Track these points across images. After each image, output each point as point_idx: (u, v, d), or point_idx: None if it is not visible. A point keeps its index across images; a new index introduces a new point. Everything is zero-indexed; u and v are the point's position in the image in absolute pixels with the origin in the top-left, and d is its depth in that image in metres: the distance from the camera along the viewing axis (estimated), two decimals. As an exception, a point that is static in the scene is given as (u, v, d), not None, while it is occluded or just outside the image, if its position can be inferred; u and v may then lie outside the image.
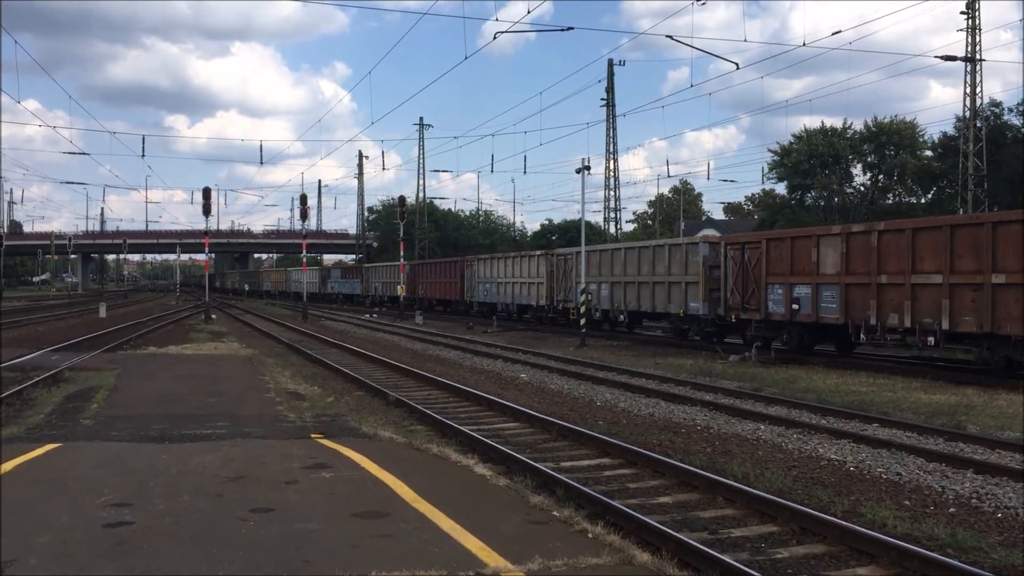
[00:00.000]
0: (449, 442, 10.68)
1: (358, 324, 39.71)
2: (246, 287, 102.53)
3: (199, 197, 40.11)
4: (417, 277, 50.92)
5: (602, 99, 54.20)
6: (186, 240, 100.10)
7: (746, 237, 23.84)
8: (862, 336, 18.39)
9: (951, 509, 7.94)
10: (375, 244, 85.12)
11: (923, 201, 50.80)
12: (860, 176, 55.47)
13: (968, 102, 37.11)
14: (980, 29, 35.84)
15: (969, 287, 16.02)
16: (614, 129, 54.52)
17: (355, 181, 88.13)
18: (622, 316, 28.06)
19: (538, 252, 34.41)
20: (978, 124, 37.60)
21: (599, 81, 53.97)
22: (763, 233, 22.95)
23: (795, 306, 20.02)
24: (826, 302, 19.25)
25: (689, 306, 24.25)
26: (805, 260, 19.92)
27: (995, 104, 44.26)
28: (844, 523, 7.00)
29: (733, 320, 22.64)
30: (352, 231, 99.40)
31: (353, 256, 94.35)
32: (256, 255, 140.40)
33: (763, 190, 77.35)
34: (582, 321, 27.24)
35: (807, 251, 19.85)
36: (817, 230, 20.97)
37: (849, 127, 54.45)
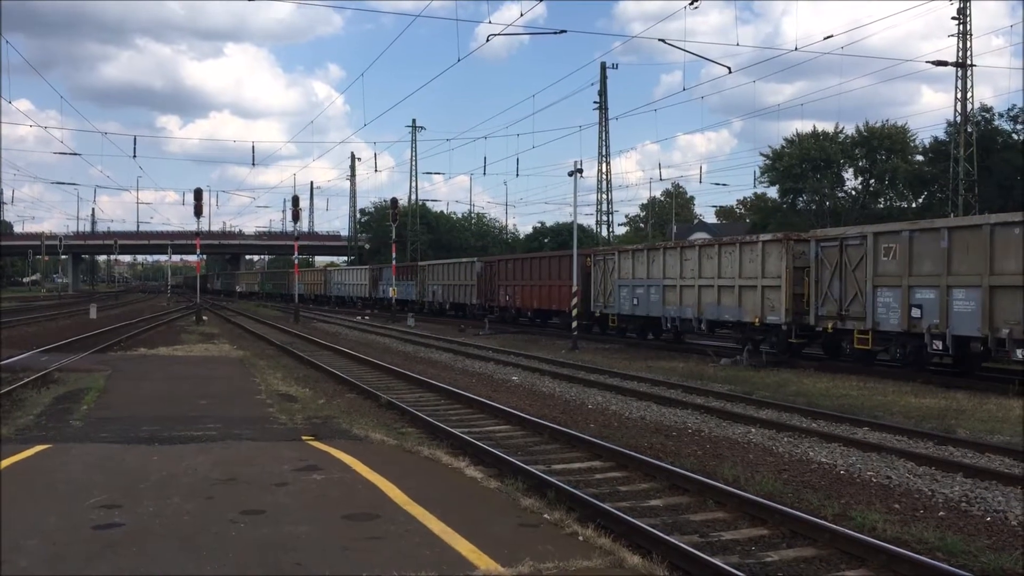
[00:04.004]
0: (440, 444, 10.68)
1: (349, 326, 39.64)
2: (235, 289, 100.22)
3: (191, 198, 39.92)
4: (496, 279, 37.99)
5: (595, 102, 54.32)
6: (177, 241, 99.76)
7: None
8: None
9: (941, 513, 7.97)
10: (367, 246, 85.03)
11: (914, 206, 51.03)
12: (851, 180, 55.77)
13: (959, 107, 37.29)
14: (971, 34, 36.05)
15: None
16: (607, 132, 54.64)
17: (347, 183, 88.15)
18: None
19: (766, 237, 22.00)
20: (969, 129, 37.78)
21: (592, 84, 54.02)
22: None
23: None
24: None
25: None
26: None
27: (986, 109, 44.53)
28: (834, 526, 7.03)
29: None
30: (344, 233, 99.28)
31: (345, 258, 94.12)
32: (247, 256, 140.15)
33: (755, 194, 77.50)
34: (573, 324, 27.26)
35: None
36: None
37: (841, 131, 54.71)
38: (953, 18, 36.09)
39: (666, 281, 24.83)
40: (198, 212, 39.22)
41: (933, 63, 36.23)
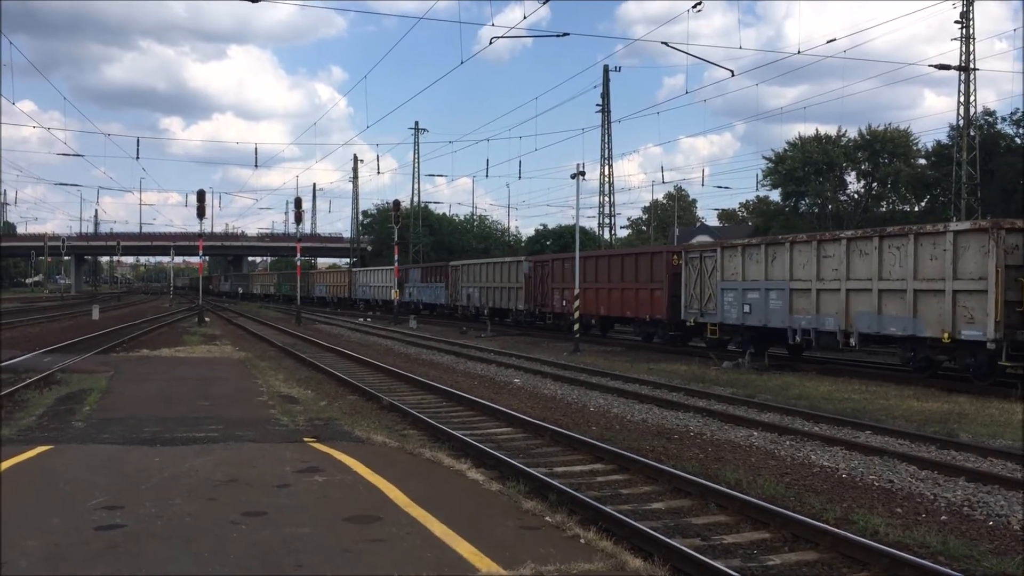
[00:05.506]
0: (442, 447, 10.68)
1: (352, 328, 39.65)
2: (251, 291, 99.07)
3: (194, 200, 39.99)
4: (549, 281, 33.44)
5: (597, 105, 54.24)
6: (180, 243, 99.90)
7: None
8: None
9: (943, 517, 7.96)
10: (369, 248, 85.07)
11: (916, 209, 50.98)
12: (854, 184, 55.73)
13: (962, 111, 37.26)
14: (974, 38, 36.02)
15: None
16: (609, 135, 54.52)
17: (350, 185, 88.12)
18: None
19: (960, 226, 16.88)
20: (972, 133, 37.74)
21: (594, 87, 54.02)
22: None
23: None
24: None
25: None
26: None
27: (989, 113, 44.42)
28: (836, 530, 7.01)
29: None
30: (346, 235, 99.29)
31: (347, 260, 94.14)
32: (250, 258, 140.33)
33: (757, 197, 77.56)
34: (575, 327, 27.22)
35: None
36: None
37: (843, 135, 54.65)
38: (956, 22, 36.09)
39: (794, 283, 20.03)
40: (201, 214, 39.28)
41: (936, 67, 36.19)
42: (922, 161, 50.95)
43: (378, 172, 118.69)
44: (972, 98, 36.86)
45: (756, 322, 21.40)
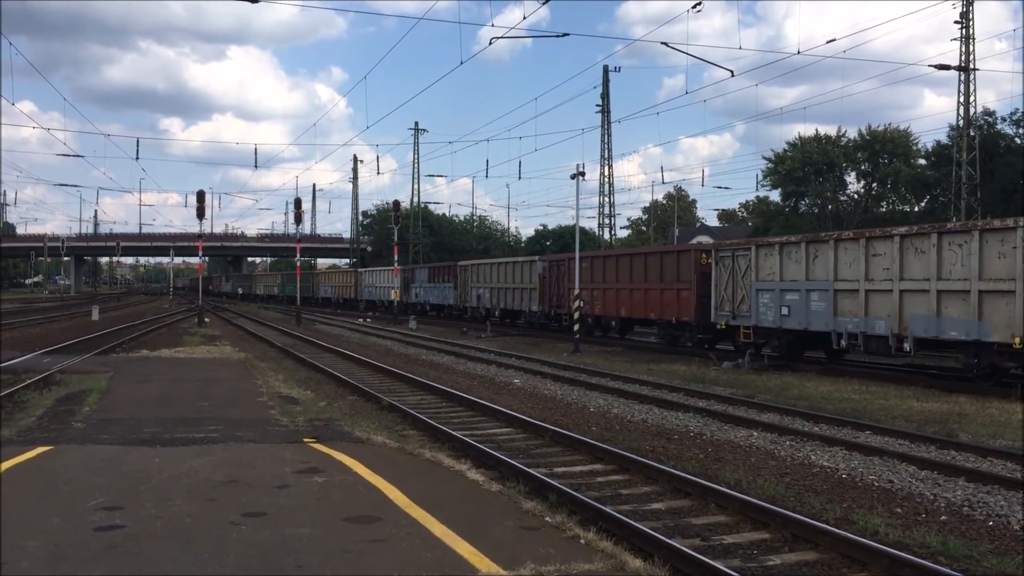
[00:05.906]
0: (442, 447, 10.68)
1: (351, 328, 39.65)
2: (253, 292, 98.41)
3: (193, 200, 40.00)
4: (565, 281, 31.30)
5: (597, 105, 54.23)
6: (180, 243, 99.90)
7: None
8: None
9: (943, 517, 7.96)
10: (369, 249, 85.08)
11: (916, 209, 51.01)
12: (854, 184, 55.77)
13: (962, 111, 37.26)
14: (974, 39, 36.00)
15: None
16: (609, 135, 54.51)
17: (350, 185, 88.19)
18: None
19: None
20: (971, 133, 37.73)
21: (594, 87, 54.02)
22: None
23: None
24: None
25: None
26: None
27: (988, 113, 44.38)
28: (836, 530, 7.01)
29: None
30: (346, 235, 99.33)
31: (347, 261, 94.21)
32: (249, 259, 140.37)
33: (757, 197, 77.64)
34: (575, 327, 27.22)
35: None
36: None
37: (843, 135, 54.70)
38: (956, 22, 36.07)
39: (839, 284, 18.74)
40: (200, 214, 39.27)
41: (936, 67, 36.15)
42: (922, 161, 50.97)
43: (378, 172, 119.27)
44: (972, 98, 36.86)
45: (795, 325, 20.05)
